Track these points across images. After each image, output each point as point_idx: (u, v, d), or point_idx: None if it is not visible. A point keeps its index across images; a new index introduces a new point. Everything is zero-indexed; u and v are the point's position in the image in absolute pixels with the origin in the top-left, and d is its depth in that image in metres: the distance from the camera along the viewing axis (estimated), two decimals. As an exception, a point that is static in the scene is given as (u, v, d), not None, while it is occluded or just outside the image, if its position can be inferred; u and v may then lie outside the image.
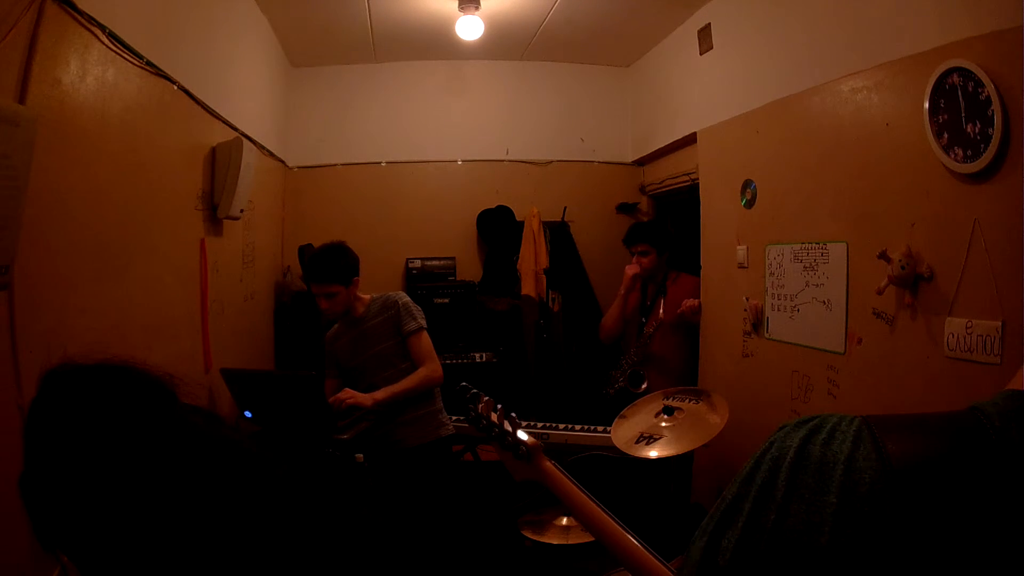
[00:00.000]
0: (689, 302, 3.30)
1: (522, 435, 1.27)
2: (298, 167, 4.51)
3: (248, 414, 2.55)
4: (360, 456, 2.36)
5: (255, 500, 0.69)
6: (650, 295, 3.43)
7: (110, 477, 0.63)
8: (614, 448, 2.40)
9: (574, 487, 1.22)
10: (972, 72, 1.73)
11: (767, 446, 0.56)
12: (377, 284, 3.57)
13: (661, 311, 3.30)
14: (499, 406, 1.33)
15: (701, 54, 3.52)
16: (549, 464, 1.26)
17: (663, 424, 2.40)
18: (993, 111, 1.67)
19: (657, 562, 1.09)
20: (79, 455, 0.63)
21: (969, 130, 1.76)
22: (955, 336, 1.83)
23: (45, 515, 0.64)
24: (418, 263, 4.48)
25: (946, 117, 1.84)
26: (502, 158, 4.70)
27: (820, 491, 0.50)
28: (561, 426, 3.11)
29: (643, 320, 3.38)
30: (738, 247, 3.08)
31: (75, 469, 0.63)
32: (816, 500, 0.50)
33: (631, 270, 3.35)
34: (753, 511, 0.53)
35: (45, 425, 0.66)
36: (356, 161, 4.58)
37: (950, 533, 0.47)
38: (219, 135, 2.81)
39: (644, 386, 3.22)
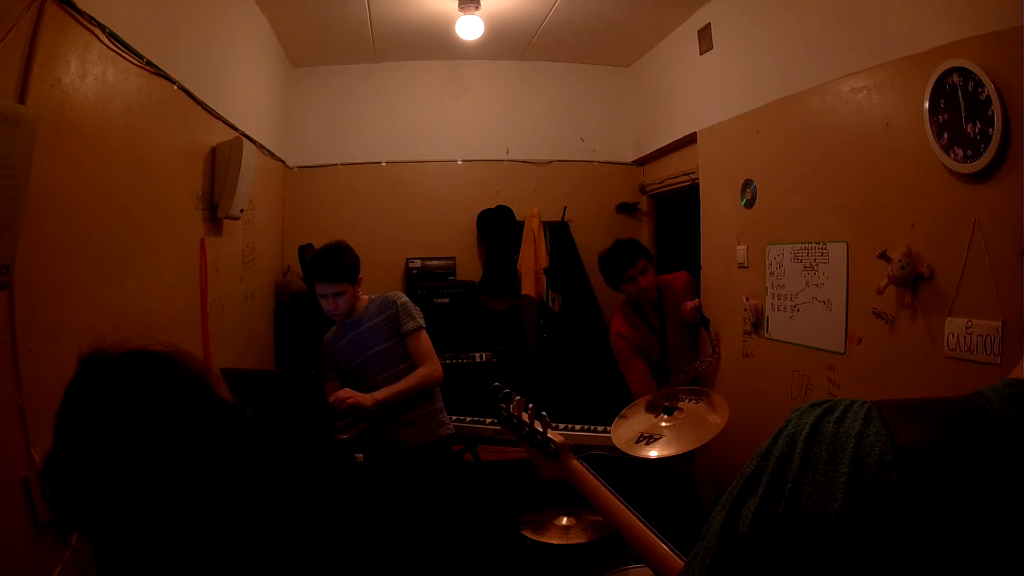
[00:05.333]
0: (690, 306, 3.24)
1: (552, 434, 1.30)
2: (298, 167, 4.51)
3: (248, 414, 2.55)
4: (360, 456, 2.36)
5: (272, 495, 0.72)
6: (656, 321, 3.25)
7: (135, 460, 0.65)
8: (614, 448, 2.40)
9: (601, 485, 1.25)
10: (972, 72, 1.73)
11: (784, 425, 0.60)
12: (377, 284, 3.57)
13: (712, 343, 3.10)
14: (530, 405, 1.36)
15: (701, 54, 3.52)
16: (577, 463, 1.29)
17: (663, 424, 2.40)
18: (993, 111, 1.67)
19: (681, 562, 1.10)
20: (108, 438, 0.66)
21: (969, 130, 1.76)
22: (955, 336, 1.83)
23: (67, 493, 0.66)
24: (418, 263, 4.48)
25: (946, 117, 1.84)
26: (502, 158, 4.70)
27: (833, 463, 0.55)
28: (561, 426, 3.10)
29: (662, 343, 3.23)
30: (738, 247, 3.08)
31: (103, 450, 0.65)
32: (829, 471, 0.55)
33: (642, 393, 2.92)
34: (771, 482, 0.57)
35: (77, 408, 0.68)
36: (356, 161, 4.58)
37: (955, 511, 0.51)
38: (219, 135, 2.81)
39: None
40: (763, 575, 0.56)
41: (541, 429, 1.31)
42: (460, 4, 3.51)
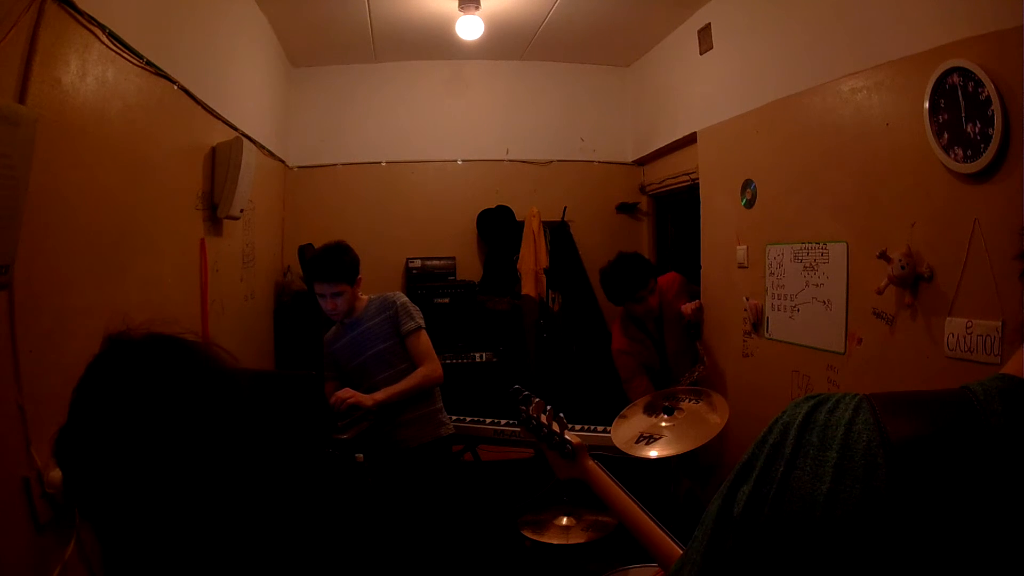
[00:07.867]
0: (691, 308, 3.21)
1: (569, 436, 1.32)
2: (298, 167, 4.51)
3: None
4: (360, 456, 2.36)
5: (278, 492, 0.73)
6: (656, 332, 3.20)
7: (147, 443, 0.65)
8: (614, 448, 2.40)
9: (615, 485, 1.27)
10: (972, 72, 1.73)
11: (779, 416, 0.63)
12: (377, 284, 3.57)
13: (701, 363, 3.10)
14: (548, 408, 1.38)
15: (701, 54, 3.52)
16: (592, 463, 1.32)
17: (663, 424, 2.41)
18: (993, 111, 1.67)
19: None
20: (123, 417, 0.66)
21: (969, 130, 1.76)
22: (955, 336, 1.83)
23: (75, 470, 0.67)
24: (418, 263, 4.48)
25: (946, 117, 1.84)
26: (502, 158, 4.70)
27: (823, 448, 0.58)
28: (561, 426, 3.09)
29: (661, 352, 3.19)
30: (738, 247, 3.08)
31: (116, 429, 0.66)
32: (819, 456, 0.57)
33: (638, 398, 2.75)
34: (764, 467, 0.60)
35: (96, 385, 0.69)
36: (356, 161, 4.58)
37: (939, 496, 0.53)
38: (219, 135, 2.81)
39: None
40: (756, 554, 0.58)
41: (559, 431, 1.33)
42: (460, 4, 3.51)
